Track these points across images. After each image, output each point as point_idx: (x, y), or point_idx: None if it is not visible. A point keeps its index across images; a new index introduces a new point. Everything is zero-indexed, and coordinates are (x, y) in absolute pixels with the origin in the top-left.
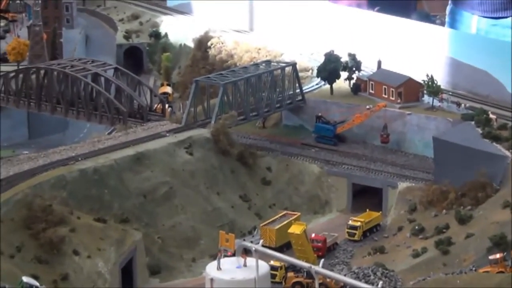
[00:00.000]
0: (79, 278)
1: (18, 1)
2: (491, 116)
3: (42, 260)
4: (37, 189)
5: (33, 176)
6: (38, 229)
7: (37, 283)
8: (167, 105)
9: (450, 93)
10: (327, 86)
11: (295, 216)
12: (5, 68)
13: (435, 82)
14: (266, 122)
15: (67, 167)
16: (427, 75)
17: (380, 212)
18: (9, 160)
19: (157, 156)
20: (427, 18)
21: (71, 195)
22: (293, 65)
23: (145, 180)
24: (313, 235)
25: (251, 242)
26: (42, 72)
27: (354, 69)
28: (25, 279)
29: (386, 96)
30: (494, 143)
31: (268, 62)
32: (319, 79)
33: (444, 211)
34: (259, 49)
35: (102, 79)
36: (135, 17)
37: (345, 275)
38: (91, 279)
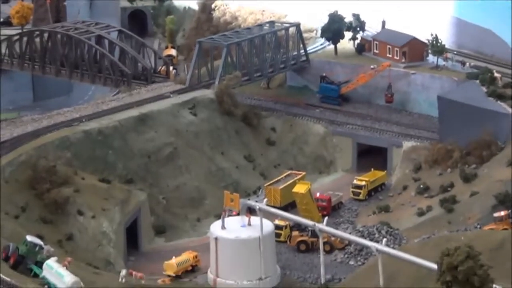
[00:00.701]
0: (84, 238)
1: None
2: (495, 74)
3: (46, 220)
4: (42, 150)
5: (37, 137)
6: (43, 189)
7: (40, 242)
8: (171, 68)
9: (455, 52)
10: (331, 46)
11: (299, 176)
12: (9, 31)
13: (440, 41)
14: (270, 82)
15: (71, 128)
16: (432, 35)
17: (385, 171)
18: (13, 122)
19: (161, 117)
20: None
21: (76, 156)
22: (297, 25)
23: (149, 141)
24: (318, 194)
25: (256, 202)
26: (46, 35)
27: (358, 29)
28: (29, 238)
29: (390, 56)
30: (499, 102)
31: (272, 23)
32: (323, 39)
33: (448, 169)
34: (263, 10)
35: (106, 41)
36: None
37: (350, 234)
38: (96, 239)
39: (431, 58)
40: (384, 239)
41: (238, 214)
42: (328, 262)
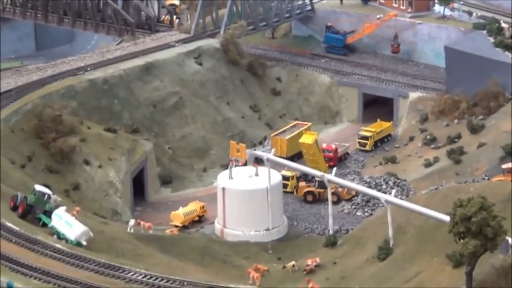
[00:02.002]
0: (91, 188)
1: None
2: (503, 25)
3: (53, 170)
4: (47, 99)
5: (43, 86)
6: (49, 139)
7: (49, 191)
8: (175, 17)
9: (461, 2)
10: None
11: (306, 126)
12: None
13: None
14: (276, 32)
15: (76, 77)
16: None
17: (391, 122)
18: (17, 71)
19: (166, 66)
20: None
21: (81, 105)
22: None
23: (154, 90)
24: (324, 145)
25: (262, 152)
26: None
27: None
28: (37, 187)
29: (396, 6)
30: (506, 52)
31: None
32: None
33: (456, 120)
34: None
35: None
36: None
37: (357, 184)
38: (102, 189)
39: (438, 8)
40: (393, 190)
41: (244, 165)
42: (335, 213)
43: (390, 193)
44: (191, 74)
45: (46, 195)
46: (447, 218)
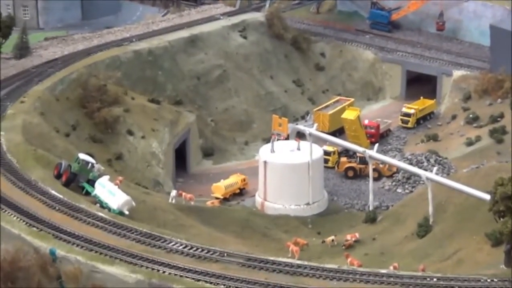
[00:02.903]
0: (133, 158)
1: None
2: None
3: (96, 139)
4: (92, 69)
5: (88, 56)
6: (93, 108)
7: (93, 160)
8: None
9: None
10: None
11: (348, 102)
12: None
13: None
14: (321, 7)
15: (121, 48)
16: None
17: (434, 99)
18: (64, 40)
19: (211, 39)
20: None
21: (126, 76)
22: None
23: (199, 62)
24: (366, 121)
25: (304, 127)
26: None
27: None
28: (81, 155)
29: None
30: None
31: None
32: None
33: (499, 100)
34: None
35: None
36: None
37: (398, 161)
38: (145, 159)
39: None
40: (435, 168)
41: (286, 139)
42: (376, 189)
43: (431, 171)
44: (235, 47)
45: (90, 164)
46: (487, 196)
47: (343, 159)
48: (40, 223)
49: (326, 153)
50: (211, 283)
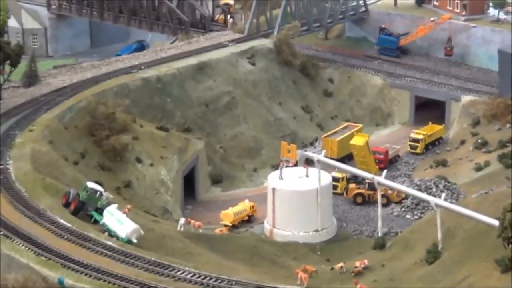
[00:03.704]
0: (142, 186)
1: None
2: None
3: (105, 167)
4: (101, 97)
5: (97, 83)
6: (102, 136)
7: (101, 188)
8: (229, 16)
9: None
10: None
11: (357, 128)
12: None
13: None
14: (329, 33)
15: (130, 75)
16: None
17: (443, 125)
18: (72, 68)
19: (220, 66)
20: None
21: (134, 103)
22: None
23: (207, 89)
24: (375, 147)
25: (313, 153)
26: None
27: None
28: (89, 184)
29: (451, 8)
30: None
31: None
32: None
33: (508, 124)
34: None
35: None
36: None
37: (407, 187)
38: (153, 187)
39: (492, 11)
40: (443, 194)
41: (295, 165)
42: (385, 215)
43: (440, 197)
44: (244, 74)
45: (98, 192)
46: (496, 222)
47: (352, 185)
48: (49, 252)
49: (335, 179)
50: None
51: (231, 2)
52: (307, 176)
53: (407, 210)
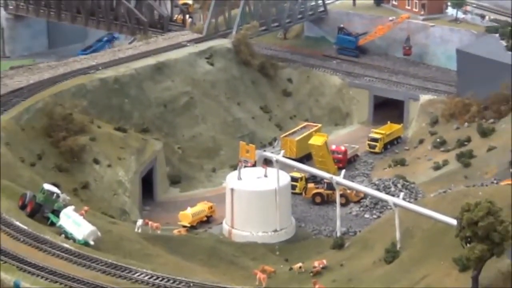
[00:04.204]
0: (100, 187)
1: None
2: None
3: (62, 169)
4: (58, 98)
5: (54, 84)
6: (59, 137)
7: (58, 190)
8: (187, 16)
9: (474, 5)
10: None
11: (316, 128)
12: None
13: None
14: (288, 33)
15: (87, 76)
16: None
17: (401, 124)
18: (29, 69)
19: (178, 66)
20: None
21: (92, 104)
22: None
23: (165, 89)
24: (333, 146)
25: (272, 153)
26: None
27: None
28: (46, 186)
29: (409, 8)
30: None
31: None
32: None
33: (466, 124)
34: None
35: None
36: None
37: (366, 187)
38: (111, 188)
39: (451, 10)
40: (402, 193)
41: (254, 165)
42: (343, 215)
43: (398, 196)
44: (202, 74)
45: (55, 194)
46: (454, 222)
47: (311, 185)
48: (5, 255)
49: (294, 179)
50: None
51: (190, 2)
52: (265, 176)
53: (365, 210)
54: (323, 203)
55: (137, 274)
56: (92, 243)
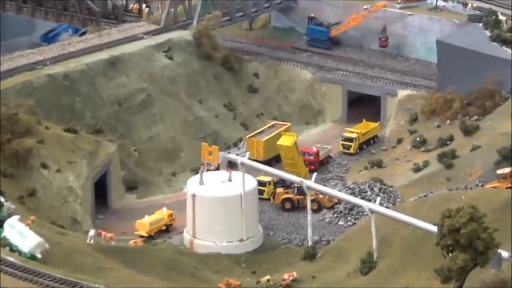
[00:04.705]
0: (48, 194)
1: None
2: (500, 17)
3: (7, 174)
4: (2, 97)
5: None
6: (3, 140)
7: (1, 198)
8: (144, 6)
9: None
10: None
11: (285, 127)
12: None
13: None
14: (254, 23)
15: (34, 72)
16: None
17: (378, 122)
18: None
19: (134, 60)
20: None
21: (39, 103)
22: None
23: (120, 86)
24: (304, 147)
25: (237, 155)
26: None
27: None
28: None
29: None
30: (504, 47)
31: None
32: None
33: (448, 121)
34: None
35: None
36: None
37: (339, 191)
38: (61, 195)
39: None
40: (378, 198)
41: (217, 169)
42: (316, 222)
43: (374, 201)
44: (160, 69)
45: None
46: (435, 228)
47: (280, 190)
48: None
49: (261, 183)
50: None
51: None
52: (230, 180)
53: (339, 216)
54: (293, 210)
55: None
56: (39, 256)
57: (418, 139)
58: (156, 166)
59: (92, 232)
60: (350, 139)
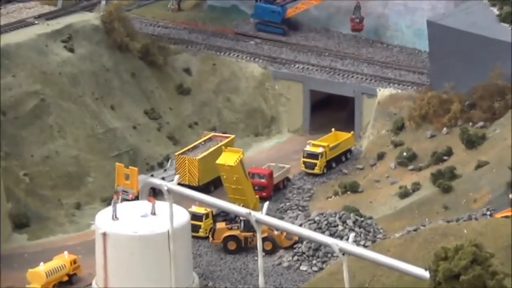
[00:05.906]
0: None
1: None
2: None
3: None
4: None
5: None
6: None
7: None
8: None
9: None
10: None
11: (227, 140)
12: None
13: None
14: (183, 2)
15: None
16: None
17: (352, 132)
18: None
19: (21, 54)
20: None
21: None
22: None
23: (3, 89)
24: (253, 167)
25: (163, 179)
26: None
27: None
28: None
29: None
30: None
31: None
32: None
33: (444, 129)
34: None
35: None
36: None
37: (301, 225)
38: None
39: None
40: (352, 234)
41: (136, 198)
42: (270, 268)
43: (347, 238)
44: (57, 65)
45: None
46: (427, 274)
47: (221, 225)
48: None
49: (195, 217)
50: None
51: None
52: (153, 213)
53: (301, 259)
54: (240, 251)
55: None
56: None
57: (405, 153)
58: (54, 195)
59: None
60: (314, 155)
